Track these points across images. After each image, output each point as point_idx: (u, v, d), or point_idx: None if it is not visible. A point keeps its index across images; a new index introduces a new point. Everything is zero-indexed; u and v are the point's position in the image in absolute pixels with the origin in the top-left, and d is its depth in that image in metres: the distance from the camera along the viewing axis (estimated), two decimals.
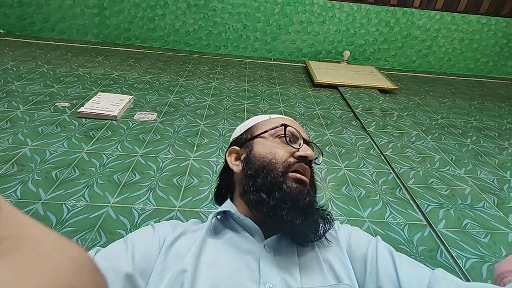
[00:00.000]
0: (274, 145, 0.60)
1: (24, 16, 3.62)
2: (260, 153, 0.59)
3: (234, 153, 0.66)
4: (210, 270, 0.47)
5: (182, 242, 0.52)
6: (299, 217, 0.51)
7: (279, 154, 0.57)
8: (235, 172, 0.63)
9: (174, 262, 0.48)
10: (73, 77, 2.67)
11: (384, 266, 0.49)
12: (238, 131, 0.71)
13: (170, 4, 3.68)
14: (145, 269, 0.47)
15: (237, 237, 0.54)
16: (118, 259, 0.46)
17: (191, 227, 0.57)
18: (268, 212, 0.52)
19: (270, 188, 0.54)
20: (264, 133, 0.62)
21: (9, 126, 1.87)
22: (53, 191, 1.43)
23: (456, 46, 4.10)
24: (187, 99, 2.53)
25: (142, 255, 0.48)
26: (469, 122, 2.66)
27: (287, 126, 0.61)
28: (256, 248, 0.51)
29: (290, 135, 0.61)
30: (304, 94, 2.92)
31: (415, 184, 1.74)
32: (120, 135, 1.92)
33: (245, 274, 0.47)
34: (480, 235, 1.43)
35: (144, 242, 0.51)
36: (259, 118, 0.70)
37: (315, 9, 3.80)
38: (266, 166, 0.56)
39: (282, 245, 0.53)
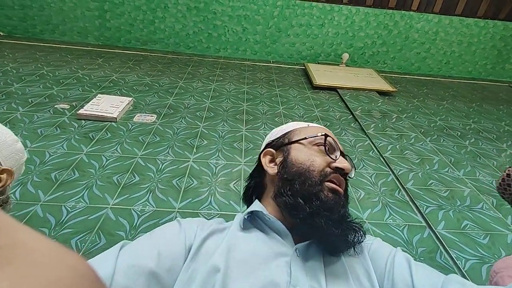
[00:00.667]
0: (312, 153, 0.60)
1: (26, 19, 3.64)
2: (297, 159, 0.59)
3: (269, 155, 0.66)
4: (241, 267, 0.47)
5: (211, 242, 0.52)
6: (336, 227, 0.51)
7: (317, 162, 0.58)
8: (268, 174, 0.63)
9: (204, 261, 0.48)
10: (73, 79, 2.68)
11: (400, 272, 0.50)
12: (274, 134, 0.71)
13: (170, 7, 3.70)
14: (171, 267, 0.46)
15: (267, 238, 0.54)
16: (143, 255, 0.46)
17: (218, 227, 0.56)
18: (305, 218, 0.52)
19: (307, 195, 0.54)
20: (303, 140, 0.62)
21: (8, 127, 1.86)
22: (53, 192, 1.43)
23: (454, 49, 4.12)
24: (186, 101, 2.53)
25: (167, 252, 0.47)
26: (468, 125, 2.67)
27: (327, 136, 0.61)
28: (287, 251, 0.51)
29: (329, 145, 0.61)
30: (303, 96, 2.93)
31: (414, 186, 1.74)
32: (120, 137, 1.93)
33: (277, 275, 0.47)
34: (479, 236, 1.43)
35: (170, 239, 0.50)
36: (297, 125, 0.70)
37: (314, 12, 3.82)
38: (303, 172, 0.56)
39: (310, 251, 0.53)
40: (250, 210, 0.57)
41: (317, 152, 0.60)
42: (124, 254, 0.45)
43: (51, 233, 1.23)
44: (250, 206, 0.61)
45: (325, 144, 0.61)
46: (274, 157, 0.65)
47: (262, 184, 0.66)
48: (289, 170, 0.58)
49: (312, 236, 0.53)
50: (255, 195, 0.68)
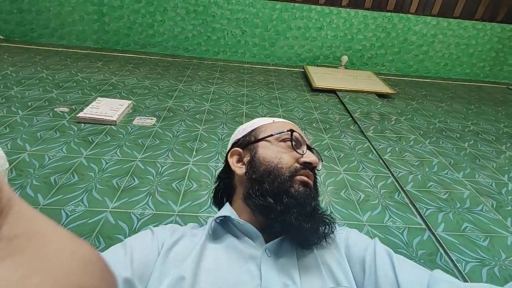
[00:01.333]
0: (280, 149, 0.60)
1: (24, 22, 3.64)
2: (265, 157, 0.59)
3: (236, 155, 0.65)
4: (210, 276, 0.47)
5: (181, 246, 0.52)
6: (307, 221, 0.51)
7: (285, 159, 0.57)
8: (236, 175, 0.63)
9: (173, 266, 0.48)
10: (72, 83, 2.68)
11: (383, 268, 0.49)
12: (240, 133, 0.70)
13: (169, 10, 3.71)
14: (144, 274, 0.47)
15: (238, 242, 0.53)
16: (117, 263, 0.45)
17: (190, 231, 0.56)
18: (276, 217, 0.52)
19: (277, 193, 0.54)
20: (269, 137, 0.62)
21: (8, 131, 1.87)
22: (52, 196, 1.43)
23: (452, 51, 4.15)
24: (186, 104, 2.54)
25: (141, 260, 0.48)
26: (467, 126, 2.68)
27: (293, 131, 0.61)
28: (257, 253, 0.51)
29: (295, 140, 0.61)
30: (303, 98, 2.94)
31: (414, 188, 1.74)
32: (119, 140, 1.93)
33: (246, 279, 0.47)
34: (479, 238, 1.43)
35: (143, 246, 0.50)
36: (262, 121, 0.69)
37: (312, 15, 3.84)
38: (272, 170, 0.56)
39: (282, 248, 0.53)
40: (219, 215, 0.56)
41: (284, 149, 0.60)
42: None
43: None
44: (220, 210, 0.60)
45: (291, 139, 0.60)
46: (242, 157, 0.64)
47: (231, 185, 0.66)
48: (257, 169, 0.58)
49: (284, 233, 0.53)
50: (225, 197, 0.67)
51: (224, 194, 0.69)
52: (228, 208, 0.60)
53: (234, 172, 0.63)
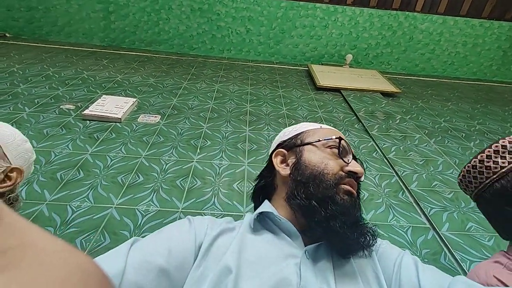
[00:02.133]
0: (326, 155, 0.60)
1: (32, 20, 3.69)
2: (311, 161, 0.59)
3: (281, 155, 0.65)
4: (253, 268, 0.47)
5: (222, 241, 0.52)
6: (352, 231, 0.51)
7: (331, 166, 0.57)
8: (280, 175, 0.63)
9: (215, 261, 0.48)
10: (78, 80, 2.70)
11: (407, 274, 0.50)
12: (286, 134, 0.70)
13: (174, 8, 3.73)
14: (181, 264, 0.47)
15: (277, 239, 0.53)
16: (153, 251, 0.46)
17: (227, 226, 0.56)
18: (320, 221, 0.52)
19: (322, 198, 0.54)
20: (317, 142, 0.62)
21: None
22: (58, 192, 1.45)
23: (459, 50, 4.10)
24: (190, 102, 2.55)
25: (177, 249, 0.48)
26: (473, 126, 2.65)
27: (341, 139, 0.61)
28: (297, 253, 0.51)
29: (342, 148, 0.61)
30: (307, 97, 2.93)
31: (418, 187, 1.73)
32: (124, 137, 1.94)
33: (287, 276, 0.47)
34: (484, 238, 1.42)
35: (181, 236, 0.50)
36: (309, 126, 0.69)
37: (318, 13, 3.82)
38: (317, 175, 0.56)
39: (319, 253, 0.53)
40: (261, 211, 0.57)
41: (330, 155, 0.60)
42: (134, 250, 0.46)
43: (56, 232, 1.24)
44: (260, 207, 0.60)
45: (339, 147, 0.60)
46: (286, 158, 0.64)
47: (272, 184, 0.66)
48: (302, 172, 0.58)
49: (325, 238, 0.53)
50: (264, 195, 0.67)
51: (263, 193, 0.69)
52: (269, 205, 0.60)
53: (277, 172, 0.64)
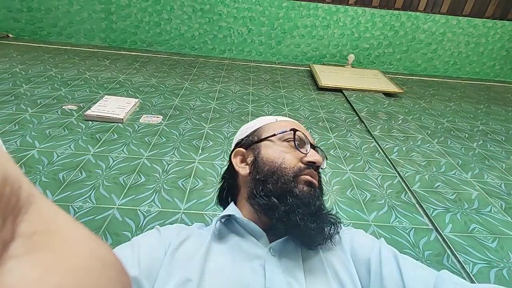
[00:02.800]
0: (283, 149, 0.59)
1: (33, 21, 3.70)
2: (268, 157, 0.58)
3: (240, 155, 0.65)
4: (216, 277, 0.47)
5: (187, 246, 0.52)
6: (312, 221, 0.51)
7: (288, 159, 0.57)
8: (240, 175, 0.62)
9: (179, 266, 0.48)
10: (80, 81, 2.71)
11: (388, 269, 0.48)
12: (243, 133, 0.70)
13: (176, 8, 3.73)
14: (151, 273, 0.47)
15: (243, 241, 0.53)
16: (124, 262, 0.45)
17: (196, 231, 0.56)
18: (280, 217, 0.52)
19: (281, 193, 0.54)
20: (272, 137, 0.61)
21: (17, 128, 1.90)
22: (60, 192, 1.45)
23: (461, 50, 4.08)
24: (192, 102, 2.55)
25: (148, 259, 0.48)
26: (476, 126, 2.64)
27: (296, 130, 0.60)
28: (261, 252, 0.51)
29: (299, 139, 0.60)
30: (309, 97, 2.92)
31: (420, 188, 1.73)
32: (126, 137, 1.94)
33: (251, 279, 0.47)
34: (488, 240, 1.41)
35: (150, 245, 0.50)
36: (265, 120, 0.68)
37: (319, 13, 3.81)
38: (275, 171, 0.56)
39: (287, 248, 0.53)
40: (224, 214, 0.56)
41: (287, 148, 0.59)
42: None
43: None
44: (225, 210, 0.60)
45: (294, 139, 0.60)
46: (245, 157, 0.64)
47: (236, 185, 0.65)
48: (260, 169, 0.57)
49: (288, 233, 0.53)
50: (230, 197, 0.67)
51: (229, 194, 0.69)
52: (233, 207, 0.60)
53: (238, 173, 0.63)
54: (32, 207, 0.20)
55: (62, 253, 0.20)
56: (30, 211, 0.20)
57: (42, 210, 0.21)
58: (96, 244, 0.23)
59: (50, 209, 0.22)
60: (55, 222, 0.21)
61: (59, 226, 0.21)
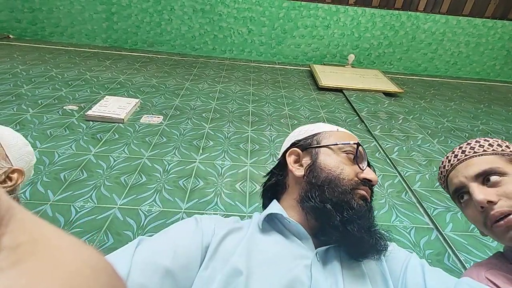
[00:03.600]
0: (342, 160, 0.59)
1: (35, 21, 3.71)
2: (327, 165, 0.58)
3: (295, 155, 0.64)
4: (263, 269, 0.46)
5: (229, 241, 0.51)
6: (369, 235, 0.52)
7: (347, 171, 0.57)
8: (293, 175, 0.62)
9: (223, 261, 0.47)
10: (81, 81, 2.72)
11: (413, 276, 0.50)
12: (301, 134, 0.68)
13: (176, 9, 3.74)
14: (186, 265, 0.46)
15: (286, 241, 0.53)
16: (159, 251, 0.45)
17: (234, 225, 0.56)
18: (337, 225, 0.52)
19: (337, 203, 0.54)
20: (334, 145, 0.61)
21: (18, 128, 1.91)
22: (62, 192, 1.45)
23: (462, 50, 4.08)
24: (192, 103, 2.55)
25: (183, 250, 0.47)
26: (476, 126, 2.64)
27: (359, 145, 0.61)
28: (307, 254, 0.51)
29: (359, 154, 0.60)
30: (309, 97, 2.93)
31: (421, 188, 1.73)
32: (127, 137, 1.95)
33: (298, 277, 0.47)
34: (488, 238, 1.41)
35: (187, 236, 0.50)
36: (326, 127, 0.68)
37: (319, 13, 3.82)
38: (333, 180, 0.56)
39: (329, 255, 0.53)
40: (270, 212, 0.56)
41: (346, 160, 0.59)
42: (140, 251, 0.45)
43: None
44: (269, 207, 0.60)
45: (356, 153, 0.60)
46: (300, 158, 0.64)
47: (283, 183, 0.65)
48: (318, 174, 0.57)
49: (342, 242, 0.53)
50: (273, 193, 0.66)
51: (272, 190, 0.68)
52: (278, 206, 0.59)
53: (290, 172, 0.63)
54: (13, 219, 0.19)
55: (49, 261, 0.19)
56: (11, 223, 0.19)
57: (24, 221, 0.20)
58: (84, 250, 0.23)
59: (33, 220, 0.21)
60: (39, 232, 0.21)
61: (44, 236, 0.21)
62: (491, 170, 0.57)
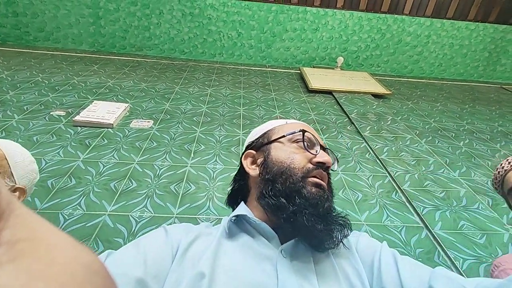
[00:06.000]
0: (292, 150, 0.60)
1: (19, 26, 3.62)
2: (278, 158, 0.59)
3: (250, 157, 0.66)
4: (228, 274, 0.46)
5: (197, 246, 0.51)
6: (320, 223, 0.51)
7: (297, 160, 0.57)
8: (251, 176, 0.63)
9: (190, 266, 0.47)
10: (69, 86, 2.67)
11: (387, 268, 0.49)
12: (254, 135, 0.70)
13: (165, 13, 3.72)
14: (158, 273, 0.46)
15: (253, 242, 0.53)
16: (130, 263, 0.45)
17: (204, 230, 0.56)
18: (288, 217, 0.52)
19: (289, 193, 0.54)
20: (281, 138, 0.62)
21: (4, 135, 1.86)
22: (49, 200, 1.42)
23: (446, 52, 4.19)
24: (183, 107, 2.54)
25: (154, 259, 0.47)
26: (462, 126, 2.71)
27: (305, 131, 0.61)
28: (273, 253, 0.51)
29: (308, 140, 0.61)
30: (299, 100, 2.95)
31: (410, 187, 1.76)
32: (116, 143, 1.92)
33: (264, 280, 0.47)
34: (476, 236, 1.45)
35: (157, 245, 0.49)
36: (275, 123, 0.69)
37: (308, 17, 3.86)
38: (284, 171, 0.56)
39: (298, 250, 0.53)
40: (235, 214, 0.56)
41: (297, 149, 0.60)
42: (110, 263, 0.45)
43: None
44: (236, 209, 0.60)
45: (303, 140, 0.60)
46: (255, 159, 0.65)
47: (247, 186, 0.66)
48: (270, 170, 0.58)
49: (296, 234, 0.53)
50: (241, 199, 0.67)
51: (239, 196, 0.69)
52: (244, 207, 0.60)
53: (249, 174, 0.64)
54: (13, 214, 0.20)
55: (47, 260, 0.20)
56: (11, 218, 0.19)
57: (24, 217, 0.20)
58: (80, 250, 0.23)
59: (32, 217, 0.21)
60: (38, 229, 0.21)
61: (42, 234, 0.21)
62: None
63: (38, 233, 0.21)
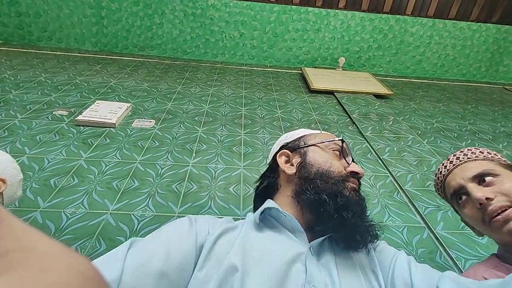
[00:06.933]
0: (330, 156, 0.63)
1: (22, 26, 3.64)
2: (317, 160, 0.62)
3: (285, 156, 0.68)
4: (259, 265, 0.47)
5: (224, 240, 0.51)
6: (362, 220, 0.55)
7: (335, 165, 0.61)
8: (284, 174, 0.64)
9: (219, 260, 0.48)
10: (71, 86, 2.68)
11: (400, 272, 0.51)
12: (287, 138, 0.73)
13: (167, 13, 3.73)
14: (181, 266, 0.46)
15: (281, 236, 0.54)
16: (152, 254, 0.45)
17: (228, 225, 0.56)
18: (332, 214, 0.54)
19: (331, 193, 0.56)
20: (321, 143, 0.66)
21: (7, 134, 1.87)
22: (52, 199, 1.43)
23: (448, 52, 4.18)
24: (185, 106, 2.54)
25: (177, 252, 0.47)
26: (464, 126, 2.70)
27: (343, 141, 0.65)
28: (301, 248, 0.52)
29: (344, 150, 0.65)
30: (301, 100, 2.95)
31: (412, 187, 1.75)
32: (119, 142, 1.93)
33: (293, 272, 0.48)
34: (478, 236, 1.44)
35: (180, 236, 0.50)
36: (309, 131, 0.73)
37: (310, 17, 3.86)
38: (324, 173, 0.59)
39: (323, 249, 0.54)
40: (266, 207, 0.58)
41: (333, 156, 0.63)
42: (132, 253, 0.45)
43: None
44: (264, 204, 0.61)
45: (341, 148, 0.64)
46: (290, 158, 0.67)
47: (275, 184, 0.67)
48: (309, 170, 0.61)
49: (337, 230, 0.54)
50: (265, 196, 0.68)
51: (264, 193, 0.69)
52: (272, 202, 0.60)
53: (281, 172, 0.66)
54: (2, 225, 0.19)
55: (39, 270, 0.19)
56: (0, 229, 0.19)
57: (13, 228, 0.20)
58: (73, 258, 0.23)
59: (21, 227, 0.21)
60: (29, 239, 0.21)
61: (33, 243, 0.21)
62: (485, 171, 0.64)
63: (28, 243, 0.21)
